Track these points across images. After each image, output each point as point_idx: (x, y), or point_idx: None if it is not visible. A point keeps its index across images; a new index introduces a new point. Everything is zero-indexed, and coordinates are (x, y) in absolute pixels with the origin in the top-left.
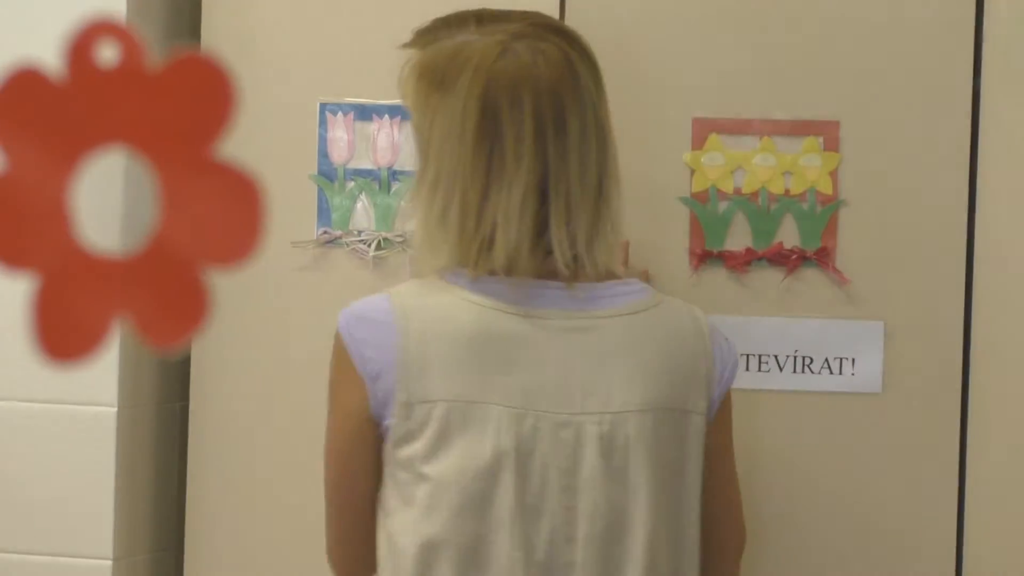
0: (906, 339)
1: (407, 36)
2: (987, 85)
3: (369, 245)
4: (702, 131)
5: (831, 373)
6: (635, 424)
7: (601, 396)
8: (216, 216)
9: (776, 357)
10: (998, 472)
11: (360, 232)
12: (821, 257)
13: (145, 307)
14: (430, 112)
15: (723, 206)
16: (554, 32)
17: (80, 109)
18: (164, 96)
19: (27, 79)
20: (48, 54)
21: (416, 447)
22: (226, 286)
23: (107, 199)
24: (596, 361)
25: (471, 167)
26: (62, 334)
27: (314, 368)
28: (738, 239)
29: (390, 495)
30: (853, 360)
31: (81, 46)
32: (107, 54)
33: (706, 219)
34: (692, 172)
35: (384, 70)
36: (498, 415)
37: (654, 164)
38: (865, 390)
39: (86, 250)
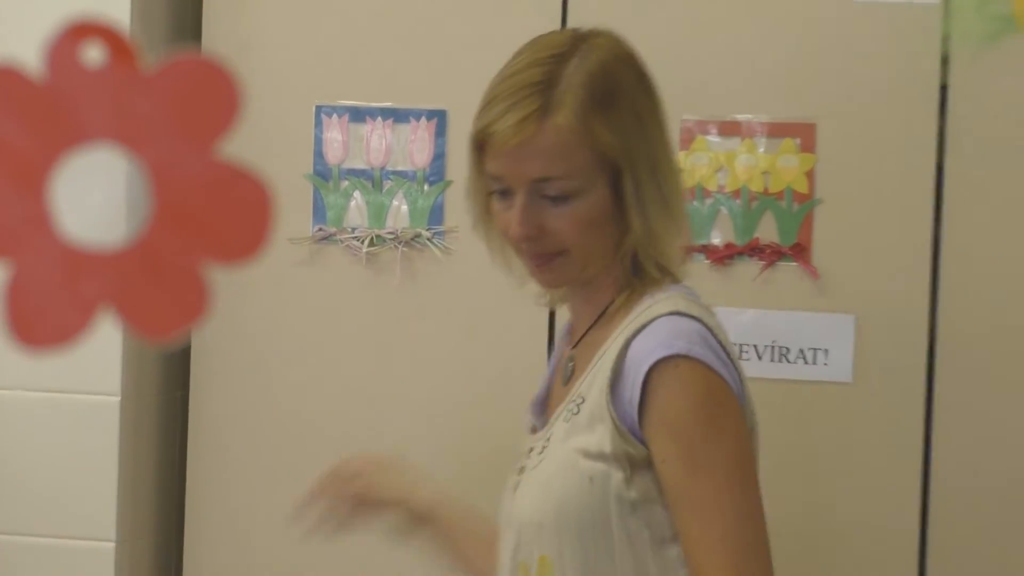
0: (876, 332)
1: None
2: (953, 90)
3: (362, 242)
4: (690, 132)
5: (806, 363)
6: None
7: None
8: (219, 214)
9: (755, 347)
10: (961, 459)
11: (354, 229)
12: (796, 253)
13: (135, 300)
14: (621, 125)
15: (708, 203)
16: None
17: (60, 107)
18: (160, 96)
19: (4, 77)
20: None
21: None
22: (225, 280)
23: (111, 195)
24: None
25: (667, 146)
26: (35, 322)
27: (308, 359)
28: (721, 235)
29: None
30: (827, 351)
31: (62, 46)
32: (95, 55)
33: (693, 215)
34: (680, 171)
35: (377, 74)
36: None
37: None
38: (837, 379)
39: (64, 242)
